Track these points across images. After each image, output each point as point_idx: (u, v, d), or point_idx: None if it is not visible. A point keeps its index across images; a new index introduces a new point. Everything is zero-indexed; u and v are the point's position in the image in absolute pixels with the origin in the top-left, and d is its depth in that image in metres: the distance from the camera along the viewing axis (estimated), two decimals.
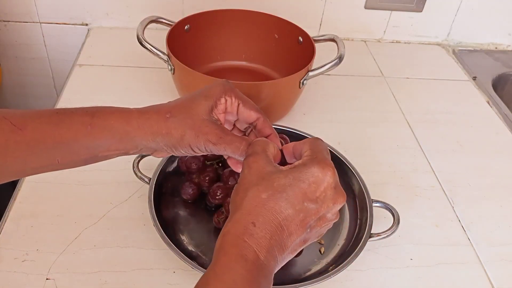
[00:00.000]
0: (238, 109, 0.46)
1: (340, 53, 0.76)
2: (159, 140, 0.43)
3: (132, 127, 0.42)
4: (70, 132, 0.40)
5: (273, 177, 0.38)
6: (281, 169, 0.39)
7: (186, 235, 0.61)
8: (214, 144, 0.42)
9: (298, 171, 0.38)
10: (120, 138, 0.42)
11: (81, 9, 1.00)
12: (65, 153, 0.41)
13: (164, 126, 0.43)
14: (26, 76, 1.10)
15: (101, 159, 0.43)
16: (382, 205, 0.63)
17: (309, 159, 0.39)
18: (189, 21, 0.83)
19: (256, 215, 0.36)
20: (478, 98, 0.98)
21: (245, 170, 0.40)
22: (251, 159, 0.40)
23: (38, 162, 0.41)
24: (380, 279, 0.60)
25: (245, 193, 0.38)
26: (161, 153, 0.46)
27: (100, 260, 0.57)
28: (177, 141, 0.43)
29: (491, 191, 0.75)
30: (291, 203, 0.37)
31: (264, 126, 0.46)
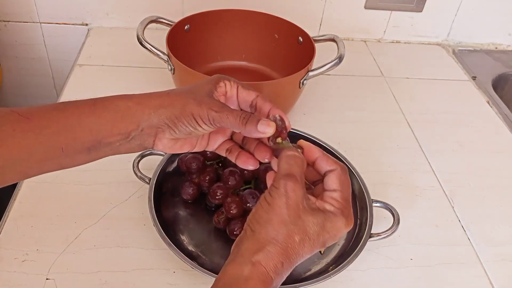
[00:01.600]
0: (238, 90, 0.46)
1: (340, 53, 0.76)
2: (161, 112, 0.42)
3: (133, 102, 0.42)
4: (74, 115, 0.41)
5: (307, 220, 0.39)
6: (313, 209, 0.39)
7: (186, 235, 0.61)
8: (216, 112, 0.41)
9: (328, 220, 0.39)
10: (122, 116, 0.41)
11: (81, 9, 1.00)
12: (69, 139, 0.40)
13: (166, 99, 0.43)
14: (26, 76, 1.10)
15: (103, 150, 0.42)
16: (382, 205, 0.63)
17: (340, 211, 0.40)
18: (189, 21, 0.83)
19: (286, 256, 0.38)
20: (478, 98, 0.98)
21: (283, 198, 0.39)
22: (290, 185, 0.39)
23: (43, 153, 0.40)
24: (380, 279, 0.60)
25: (281, 227, 0.38)
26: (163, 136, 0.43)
27: (100, 260, 0.57)
28: (180, 111, 0.42)
29: (491, 191, 0.75)
30: (311, 249, 0.39)
31: (263, 102, 0.46)
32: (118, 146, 0.42)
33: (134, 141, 0.43)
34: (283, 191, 0.39)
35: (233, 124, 0.42)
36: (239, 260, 0.37)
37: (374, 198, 0.63)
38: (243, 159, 0.47)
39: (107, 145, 0.42)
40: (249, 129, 0.42)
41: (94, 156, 0.43)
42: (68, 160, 0.42)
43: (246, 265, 0.37)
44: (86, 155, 0.42)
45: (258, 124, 0.42)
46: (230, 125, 0.42)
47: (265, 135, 0.42)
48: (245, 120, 0.42)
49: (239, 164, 0.47)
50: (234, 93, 0.46)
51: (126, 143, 0.42)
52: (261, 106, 0.46)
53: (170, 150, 0.45)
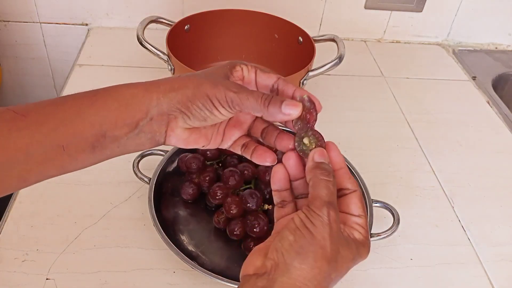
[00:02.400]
0: (256, 75, 0.41)
1: (340, 53, 0.76)
2: (172, 96, 0.37)
3: (139, 88, 0.38)
4: (73, 107, 0.37)
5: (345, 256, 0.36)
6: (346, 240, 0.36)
7: (186, 235, 0.61)
8: (235, 93, 0.36)
9: (359, 252, 0.37)
10: (127, 104, 0.37)
11: (81, 9, 1.00)
12: (69, 135, 0.36)
13: (176, 82, 0.38)
14: (26, 76, 1.10)
15: (110, 145, 0.37)
16: (382, 205, 0.63)
17: (366, 239, 0.38)
18: (189, 21, 0.83)
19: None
20: (478, 98, 0.98)
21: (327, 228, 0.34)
22: (332, 215, 0.35)
23: (42, 153, 0.36)
24: (380, 279, 0.60)
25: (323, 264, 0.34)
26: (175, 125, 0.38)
27: (100, 260, 0.57)
28: (193, 92, 0.37)
29: (491, 191, 0.75)
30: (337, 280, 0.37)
31: (285, 84, 0.41)
32: (125, 141, 0.38)
33: (144, 134, 0.38)
34: (327, 220, 0.34)
35: (254, 106, 0.37)
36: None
37: (374, 198, 0.63)
38: (259, 153, 0.41)
39: (113, 140, 0.37)
40: (272, 111, 0.37)
41: (100, 155, 0.38)
42: (70, 160, 0.37)
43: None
44: (90, 153, 0.37)
45: (282, 105, 0.37)
46: (251, 107, 0.37)
47: (291, 117, 0.37)
48: (267, 101, 0.37)
49: (256, 160, 0.41)
50: (253, 78, 0.41)
51: (134, 136, 0.38)
52: (283, 89, 0.41)
53: (185, 143, 0.40)
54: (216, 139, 0.42)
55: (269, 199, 0.61)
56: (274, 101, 0.37)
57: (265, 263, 0.34)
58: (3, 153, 0.35)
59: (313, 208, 0.35)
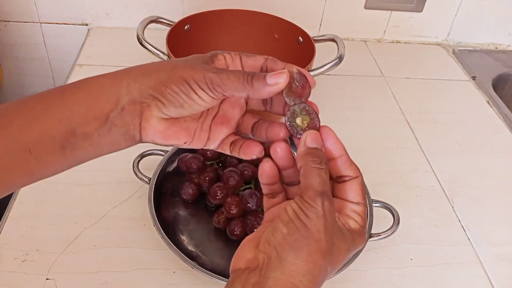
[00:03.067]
0: (242, 60, 0.38)
1: (340, 53, 0.76)
2: (143, 81, 0.34)
3: (109, 77, 0.35)
4: (39, 104, 0.33)
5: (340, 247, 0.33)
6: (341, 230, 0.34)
7: (186, 235, 0.61)
8: (214, 73, 0.34)
9: (355, 242, 0.35)
10: (95, 94, 0.34)
11: (81, 9, 1.00)
12: (36, 135, 0.32)
13: (150, 66, 0.35)
14: (26, 76, 1.10)
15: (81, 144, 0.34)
16: (382, 205, 0.63)
17: (363, 229, 0.35)
18: (189, 21, 0.83)
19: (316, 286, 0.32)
20: (478, 98, 0.98)
21: (322, 220, 0.32)
22: (327, 206, 0.32)
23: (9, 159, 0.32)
24: (380, 279, 0.60)
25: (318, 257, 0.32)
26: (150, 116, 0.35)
27: (100, 260, 0.57)
28: (167, 75, 0.34)
29: (491, 191, 0.75)
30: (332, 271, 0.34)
31: (275, 63, 0.38)
32: (97, 138, 0.34)
33: (116, 129, 0.34)
34: (321, 211, 0.32)
35: (236, 85, 0.34)
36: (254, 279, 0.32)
37: (374, 198, 0.63)
38: (245, 146, 0.38)
39: (83, 137, 0.34)
40: (257, 85, 0.34)
41: (71, 156, 0.34)
42: (40, 165, 0.33)
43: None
44: (60, 155, 0.34)
45: (267, 76, 0.34)
46: (233, 87, 0.34)
47: (278, 87, 0.34)
48: (250, 77, 0.34)
49: (243, 155, 0.39)
50: (238, 64, 0.38)
51: (106, 132, 0.34)
52: (272, 67, 0.37)
53: (163, 137, 0.36)
54: (200, 136, 0.38)
55: None
56: (257, 75, 0.34)
57: (257, 256, 0.33)
58: None
59: (306, 199, 0.32)
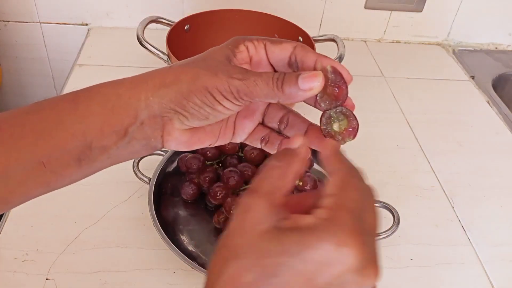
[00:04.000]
0: (267, 49, 0.34)
1: (340, 53, 0.76)
2: (163, 94, 0.31)
3: (125, 87, 0.32)
4: (51, 116, 0.31)
5: (265, 248, 0.25)
6: (281, 231, 0.25)
7: (186, 235, 0.61)
8: (240, 80, 0.30)
9: (302, 243, 0.24)
10: (112, 106, 0.31)
11: (81, 9, 1.00)
12: (50, 149, 0.31)
13: (167, 75, 0.31)
14: (26, 76, 1.10)
15: (98, 157, 0.32)
16: (382, 205, 0.63)
17: (326, 222, 0.25)
18: (189, 21, 0.83)
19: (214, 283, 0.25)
20: (478, 98, 0.98)
21: (234, 220, 0.26)
22: (247, 203, 0.27)
23: (22, 172, 0.31)
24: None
25: (222, 267, 0.25)
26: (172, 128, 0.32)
27: (100, 260, 0.57)
28: (188, 86, 0.30)
29: (491, 191, 0.75)
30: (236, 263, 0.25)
31: (305, 53, 0.33)
32: (116, 151, 0.32)
33: (136, 141, 0.32)
34: (239, 211, 0.27)
35: (265, 91, 0.30)
36: None
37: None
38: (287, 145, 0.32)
39: (101, 151, 0.32)
40: (288, 91, 0.30)
41: (88, 168, 0.33)
42: (56, 177, 0.32)
43: None
44: (76, 168, 0.32)
45: (299, 80, 0.30)
46: (262, 93, 0.30)
47: (313, 92, 0.30)
48: (280, 81, 0.30)
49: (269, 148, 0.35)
50: (263, 55, 0.34)
51: (125, 145, 0.32)
52: (302, 59, 0.33)
53: (187, 146, 0.34)
54: (225, 134, 0.35)
55: None
56: (288, 78, 0.30)
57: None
58: None
59: None
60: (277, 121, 0.36)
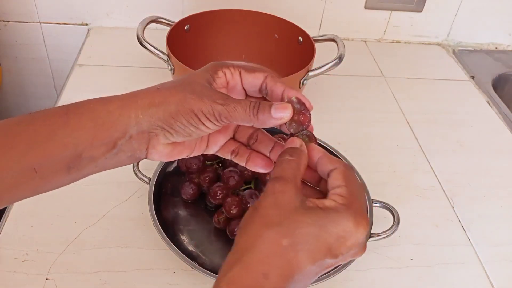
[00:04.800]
0: (241, 76, 0.39)
1: (340, 53, 0.76)
2: (152, 112, 0.34)
3: (115, 105, 0.35)
4: (43, 127, 0.34)
5: (298, 220, 0.32)
6: (308, 208, 0.32)
7: (186, 235, 0.61)
8: (222, 105, 0.34)
9: (328, 219, 0.32)
10: (103, 122, 0.34)
11: (81, 9, 1.00)
12: (41, 158, 0.33)
13: (156, 96, 0.35)
14: (26, 76, 1.10)
15: (87, 165, 0.35)
16: (382, 205, 0.63)
17: (344, 206, 0.33)
18: (189, 21, 0.83)
19: (270, 265, 0.30)
20: (478, 98, 0.98)
21: (268, 198, 0.33)
22: (278, 186, 0.33)
23: (13, 178, 0.33)
24: (380, 279, 0.60)
25: (262, 231, 0.31)
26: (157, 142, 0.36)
27: (100, 260, 0.57)
28: (176, 107, 0.34)
29: (491, 191, 0.75)
30: (312, 257, 0.31)
31: (274, 83, 0.38)
32: (104, 160, 0.35)
33: (123, 153, 0.36)
34: (271, 191, 0.33)
35: (242, 117, 0.35)
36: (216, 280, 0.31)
37: (374, 198, 0.63)
38: (256, 162, 0.40)
39: (90, 160, 0.35)
40: (262, 118, 0.35)
41: (76, 175, 0.36)
42: (44, 183, 0.35)
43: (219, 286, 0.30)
44: (65, 175, 0.35)
45: (272, 110, 0.35)
46: (240, 118, 0.35)
47: (283, 120, 0.36)
48: (255, 109, 0.35)
49: (252, 167, 0.41)
50: (238, 81, 0.39)
51: (113, 156, 0.35)
52: (272, 89, 0.38)
53: (168, 158, 0.38)
54: (200, 147, 0.40)
55: None
56: (262, 107, 0.35)
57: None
58: None
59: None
60: (247, 137, 0.41)
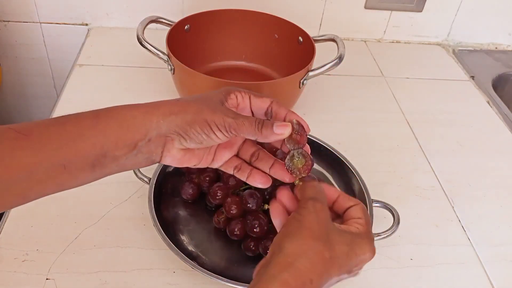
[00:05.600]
0: (251, 100, 0.45)
1: (340, 53, 0.76)
2: (171, 119, 0.40)
3: (139, 111, 0.40)
4: (75, 128, 0.39)
5: (336, 238, 0.38)
6: (340, 230, 0.40)
7: (186, 235, 0.61)
8: (233, 118, 0.40)
9: (356, 242, 0.39)
10: (128, 126, 0.39)
11: (81, 9, 1.00)
12: (71, 155, 0.38)
13: (176, 106, 0.41)
14: (26, 76, 1.10)
15: (109, 164, 0.40)
16: (382, 205, 0.63)
17: (366, 233, 0.41)
18: (189, 21, 0.83)
19: (315, 272, 0.36)
20: (478, 98, 0.98)
21: (311, 215, 0.39)
22: (319, 205, 0.40)
23: (44, 172, 0.37)
24: (380, 279, 0.60)
25: (312, 242, 0.37)
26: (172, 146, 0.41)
27: (100, 260, 0.57)
28: (193, 117, 0.40)
29: (491, 191, 0.75)
30: (339, 271, 0.38)
31: (279, 107, 0.45)
32: (124, 161, 0.40)
33: (142, 154, 0.41)
34: (312, 209, 0.39)
35: (249, 130, 0.41)
36: (266, 278, 0.36)
37: (374, 198, 0.63)
38: (256, 178, 0.45)
39: (112, 160, 0.40)
40: (265, 133, 0.41)
41: (99, 173, 0.41)
42: (70, 178, 0.39)
43: (273, 284, 0.35)
44: (90, 172, 0.40)
45: (274, 126, 0.41)
46: (246, 131, 0.41)
47: (282, 136, 0.42)
48: (260, 125, 0.41)
49: (252, 182, 0.46)
50: (247, 104, 0.45)
51: (133, 157, 0.40)
52: (276, 112, 0.45)
53: (178, 163, 0.43)
54: (207, 159, 0.45)
55: (269, 199, 0.61)
56: (266, 124, 0.41)
57: (266, 256, 0.39)
58: (6, 171, 0.36)
59: (300, 205, 0.40)
60: (250, 155, 0.46)
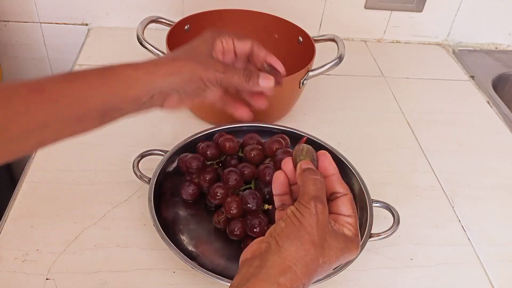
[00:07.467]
0: (234, 43, 0.51)
1: (340, 53, 0.76)
2: (171, 80, 0.45)
3: (142, 72, 0.45)
4: (85, 85, 0.42)
5: (331, 243, 0.39)
6: (336, 232, 0.40)
7: (186, 235, 0.61)
8: (222, 73, 0.47)
9: (348, 247, 0.40)
10: (133, 85, 0.44)
11: (81, 9, 1.00)
12: (82, 110, 0.42)
13: (173, 67, 0.46)
14: (26, 76, 1.10)
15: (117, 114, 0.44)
16: (382, 205, 0.63)
17: (356, 235, 0.41)
18: (189, 21, 0.83)
19: (308, 277, 0.37)
20: (478, 98, 0.98)
21: (314, 218, 0.39)
22: (319, 207, 0.39)
23: (59, 124, 0.41)
24: (380, 279, 0.60)
25: (310, 247, 0.38)
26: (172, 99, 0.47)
27: (100, 260, 0.57)
28: (189, 77, 0.46)
29: (491, 191, 0.75)
30: (326, 271, 0.40)
31: (259, 49, 0.52)
32: (130, 111, 0.45)
33: (144, 105, 0.46)
34: (314, 211, 0.39)
35: (237, 83, 0.47)
36: (263, 277, 0.36)
37: (374, 198, 0.63)
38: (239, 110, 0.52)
39: (119, 112, 0.45)
40: (251, 84, 0.48)
41: (107, 121, 0.45)
42: (83, 127, 0.44)
43: (272, 285, 0.36)
44: (99, 121, 0.44)
45: (259, 79, 0.48)
46: (235, 83, 0.47)
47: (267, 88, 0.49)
48: (248, 77, 0.47)
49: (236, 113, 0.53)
50: (231, 47, 0.51)
51: (137, 109, 0.46)
52: (257, 53, 0.52)
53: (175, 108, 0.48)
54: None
55: (269, 199, 0.61)
56: (253, 76, 0.48)
57: (260, 245, 0.39)
58: (22, 125, 0.39)
59: (302, 202, 0.39)
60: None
